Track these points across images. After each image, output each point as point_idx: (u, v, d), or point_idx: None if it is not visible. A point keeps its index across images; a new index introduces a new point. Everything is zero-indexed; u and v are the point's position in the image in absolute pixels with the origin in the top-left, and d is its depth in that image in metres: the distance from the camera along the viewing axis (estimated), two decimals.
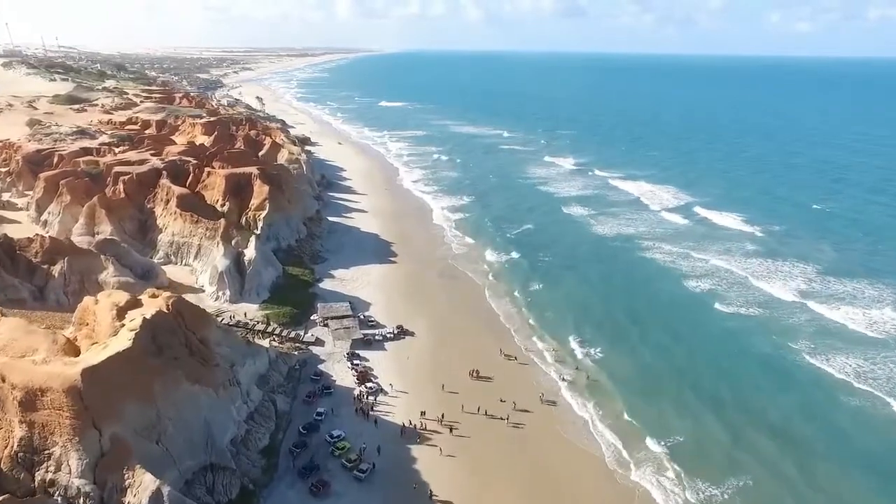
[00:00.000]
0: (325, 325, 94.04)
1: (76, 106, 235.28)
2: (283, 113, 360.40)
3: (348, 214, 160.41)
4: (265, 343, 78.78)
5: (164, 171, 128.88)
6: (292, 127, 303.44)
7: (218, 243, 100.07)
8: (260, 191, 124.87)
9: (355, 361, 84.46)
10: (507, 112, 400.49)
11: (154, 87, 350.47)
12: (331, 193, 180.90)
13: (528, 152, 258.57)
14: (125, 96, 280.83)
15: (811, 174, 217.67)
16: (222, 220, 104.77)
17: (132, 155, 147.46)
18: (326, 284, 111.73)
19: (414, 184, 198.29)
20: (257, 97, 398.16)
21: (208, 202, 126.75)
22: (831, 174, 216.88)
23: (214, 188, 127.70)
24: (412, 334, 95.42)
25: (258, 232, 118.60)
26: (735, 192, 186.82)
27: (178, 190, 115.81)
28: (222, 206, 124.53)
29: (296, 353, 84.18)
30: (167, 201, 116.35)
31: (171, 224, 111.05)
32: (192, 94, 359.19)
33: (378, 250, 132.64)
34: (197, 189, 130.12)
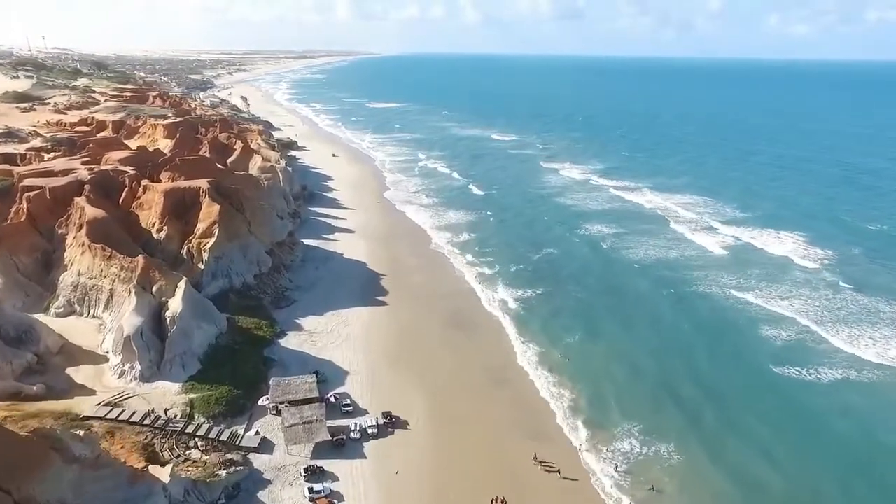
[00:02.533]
0: (279, 414, 64.87)
1: (24, 104, 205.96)
2: (271, 114, 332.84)
3: (330, 236, 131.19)
4: (166, 473, 49.08)
5: (87, 185, 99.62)
6: (279, 129, 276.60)
7: (130, 291, 70.69)
8: (208, 211, 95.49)
9: (316, 488, 54.90)
10: (505, 114, 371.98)
11: (129, 86, 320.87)
12: (312, 208, 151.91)
13: (529, 157, 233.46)
14: (88, 95, 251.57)
15: (834, 181, 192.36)
16: (140, 258, 75.18)
17: (60, 163, 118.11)
18: (290, 341, 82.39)
19: (410, 195, 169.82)
20: (242, 97, 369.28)
21: (143, 226, 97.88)
22: (857, 181, 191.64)
23: (151, 207, 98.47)
24: (405, 426, 66.22)
25: (202, 266, 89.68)
26: (758, 205, 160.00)
27: (91, 212, 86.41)
28: (159, 231, 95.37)
29: (224, 472, 54.66)
30: (80, 226, 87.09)
31: (77, 259, 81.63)
32: (172, 93, 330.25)
33: (364, 286, 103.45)
34: (132, 208, 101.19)
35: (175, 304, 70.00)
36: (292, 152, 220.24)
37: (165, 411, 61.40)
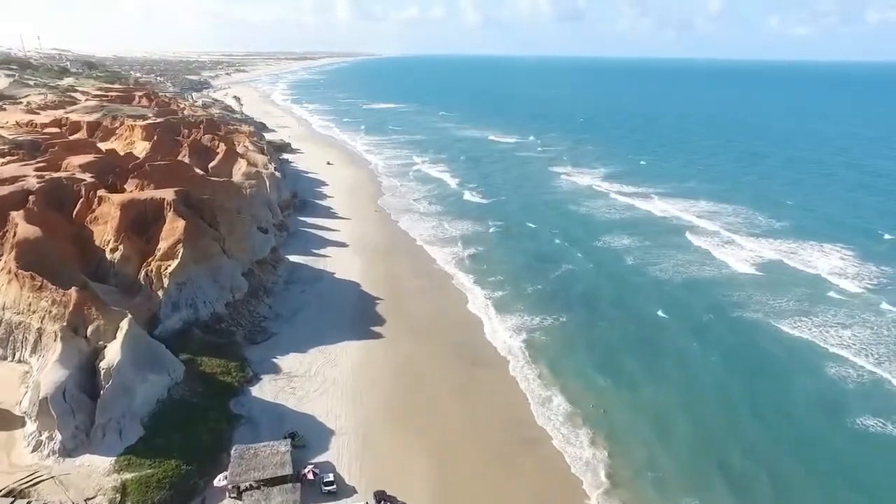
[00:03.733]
0: (240, 497, 50.35)
1: None
2: (266, 115, 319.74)
3: (321, 250, 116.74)
4: None
5: (32, 196, 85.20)
6: (273, 130, 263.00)
7: (56, 335, 56.15)
8: (171, 227, 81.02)
9: None
10: (505, 116, 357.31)
11: (115, 86, 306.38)
12: (302, 218, 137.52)
13: (530, 160, 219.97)
14: (68, 94, 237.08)
15: (852, 185, 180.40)
16: (72, 291, 60.57)
17: (9, 169, 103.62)
18: (264, 389, 67.82)
19: (408, 202, 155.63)
20: (235, 97, 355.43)
21: (98, 244, 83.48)
22: (874, 186, 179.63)
23: (107, 223, 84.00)
24: None
25: (161, 294, 75.22)
26: (779, 213, 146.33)
27: (24, 230, 71.91)
28: (114, 251, 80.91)
29: None
30: (11, 248, 72.56)
31: (3, 289, 67.04)
32: (163, 94, 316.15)
33: (356, 314, 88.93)
34: (86, 222, 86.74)
35: (112, 352, 55.40)
36: (285, 155, 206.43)
37: (87, 501, 46.85)
